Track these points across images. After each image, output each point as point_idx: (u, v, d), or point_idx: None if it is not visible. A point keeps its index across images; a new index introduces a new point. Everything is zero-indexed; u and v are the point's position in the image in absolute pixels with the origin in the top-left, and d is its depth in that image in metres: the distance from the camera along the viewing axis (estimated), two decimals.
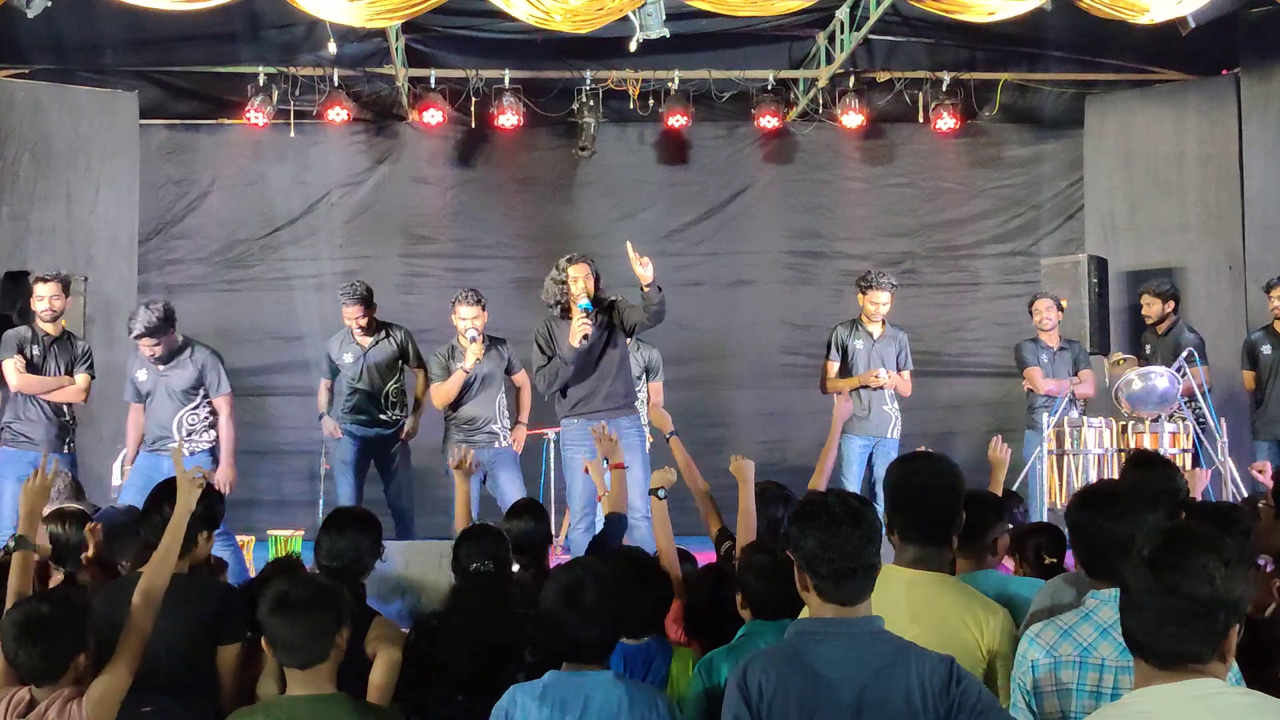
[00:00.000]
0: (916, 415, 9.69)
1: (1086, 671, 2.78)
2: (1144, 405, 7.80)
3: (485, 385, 7.39)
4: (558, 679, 2.98)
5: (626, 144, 11.07)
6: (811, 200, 11.16)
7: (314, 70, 10.02)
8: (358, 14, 7.39)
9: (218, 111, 10.58)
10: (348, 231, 10.82)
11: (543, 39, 9.48)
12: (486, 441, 7.32)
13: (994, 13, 7.57)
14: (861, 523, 2.66)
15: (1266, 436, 8.35)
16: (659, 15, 7.52)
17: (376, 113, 10.76)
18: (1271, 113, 9.37)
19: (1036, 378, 8.53)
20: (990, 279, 10.99)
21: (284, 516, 9.06)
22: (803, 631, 2.68)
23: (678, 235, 11.02)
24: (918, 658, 2.61)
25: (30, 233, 9.31)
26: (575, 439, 6.52)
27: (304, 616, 2.91)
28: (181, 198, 10.65)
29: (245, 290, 10.60)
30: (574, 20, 7.49)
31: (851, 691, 2.55)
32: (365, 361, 7.66)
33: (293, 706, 2.90)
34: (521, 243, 10.88)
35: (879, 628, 2.66)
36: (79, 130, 9.52)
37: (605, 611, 3.00)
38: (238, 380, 10.20)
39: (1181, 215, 9.94)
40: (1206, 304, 9.75)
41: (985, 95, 10.63)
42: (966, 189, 11.19)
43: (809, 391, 8.90)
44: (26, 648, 3.18)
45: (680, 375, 9.96)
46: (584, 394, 6.51)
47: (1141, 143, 10.17)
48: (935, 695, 2.55)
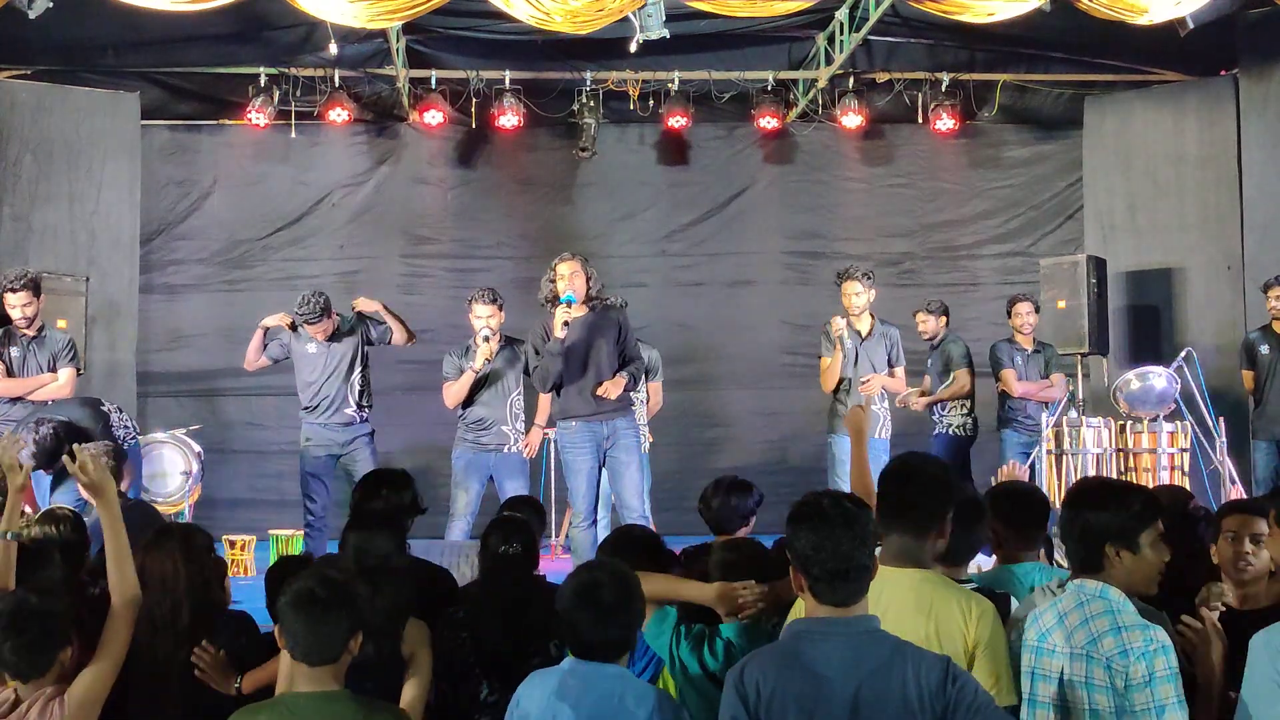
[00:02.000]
0: (915, 414, 9.70)
1: (1041, 656, 2.94)
2: (1142, 405, 7.82)
3: (495, 386, 7.30)
4: (571, 667, 3.01)
5: (627, 145, 11.10)
6: (811, 200, 11.18)
7: (315, 71, 10.04)
8: (358, 15, 7.40)
9: (219, 112, 10.61)
10: (348, 232, 10.84)
11: (543, 40, 9.50)
12: (494, 443, 7.27)
13: (993, 13, 7.59)
14: (855, 524, 2.68)
15: (1266, 436, 8.36)
16: (659, 16, 7.53)
17: (377, 113, 10.78)
18: (1270, 113, 9.39)
19: (1011, 380, 8.57)
20: (989, 279, 11.01)
21: (284, 516, 9.07)
22: (800, 631, 2.71)
23: (678, 235, 11.05)
24: (914, 657, 2.63)
25: (32, 233, 9.34)
26: (573, 441, 6.51)
27: (321, 615, 2.93)
28: (183, 198, 10.67)
29: (246, 290, 10.60)
30: (574, 21, 7.51)
31: (848, 690, 2.57)
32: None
33: (298, 703, 2.92)
34: (522, 243, 10.90)
35: (875, 627, 2.68)
36: (81, 131, 9.54)
37: (620, 612, 3.01)
38: (238, 380, 10.31)
39: (1180, 215, 9.96)
40: (1205, 304, 9.77)
41: (984, 96, 10.65)
42: (966, 189, 11.21)
43: (809, 391, 8.91)
44: (12, 639, 3.16)
45: (680, 375, 9.99)
46: (579, 396, 6.49)
47: (1140, 143, 10.19)
48: (932, 694, 2.57)
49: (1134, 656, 2.79)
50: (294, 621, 2.93)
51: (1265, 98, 9.42)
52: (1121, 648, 2.82)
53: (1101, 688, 2.83)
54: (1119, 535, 2.98)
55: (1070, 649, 2.89)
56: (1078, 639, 2.88)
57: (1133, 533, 2.99)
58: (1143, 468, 7.62)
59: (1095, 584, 2.96)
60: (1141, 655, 2.79)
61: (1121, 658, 2.81)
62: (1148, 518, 3.01)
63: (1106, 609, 2.91)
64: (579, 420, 6.48)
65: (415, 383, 9.87)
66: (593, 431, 6.48)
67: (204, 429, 9.43)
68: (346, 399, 7.40)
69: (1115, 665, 2.81)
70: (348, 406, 7.40)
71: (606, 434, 6.50)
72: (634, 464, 6.55)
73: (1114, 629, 2.86)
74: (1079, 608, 2.93)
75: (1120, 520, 2.99)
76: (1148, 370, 8.04)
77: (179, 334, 10.62)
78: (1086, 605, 2.93)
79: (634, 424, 6.68)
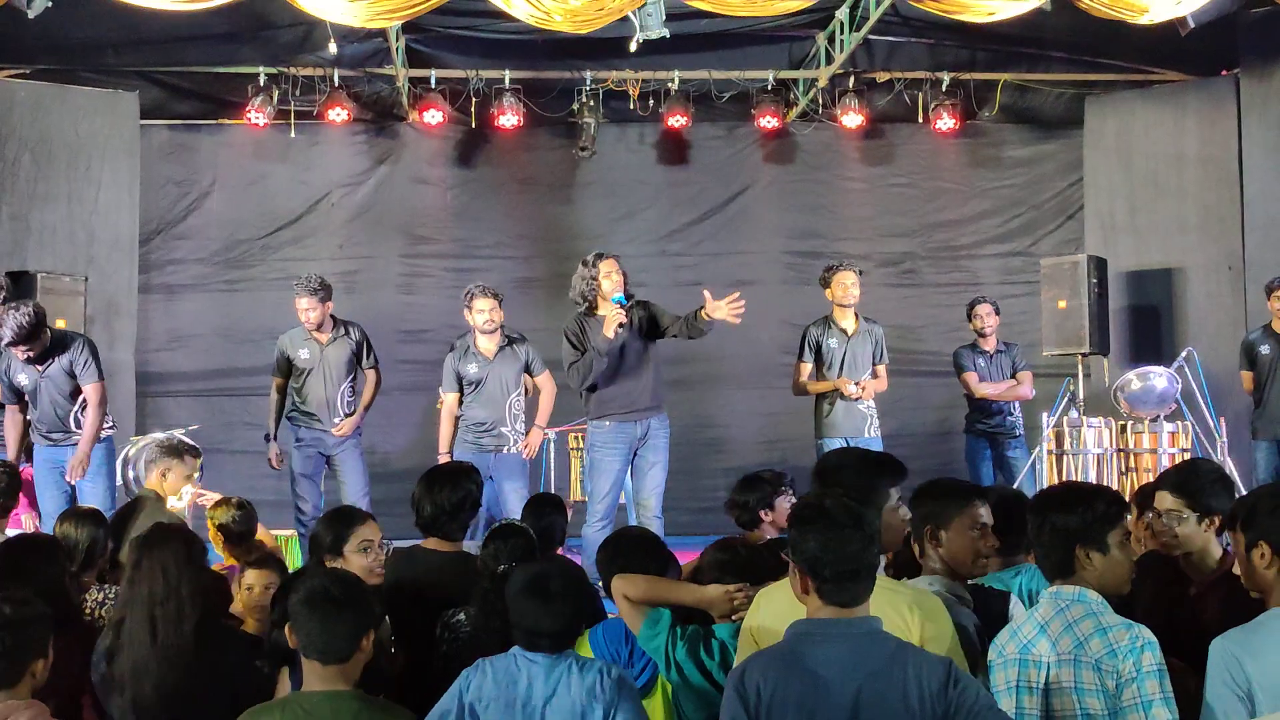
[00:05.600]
0: (915, 415, 9.72)
1: (1025, 668, 2.91)
2: (1143, 405, 7.82)
3: (495, 386, 7.27)
4: (516, 654, 3.09)
5: (626, 144, 11.08)
6: (811, 200, 11.16)
7: (314, 70, 10.02)
8: (358, 14, 7.39)
9: (218, 112, 10.59)
10: (348, 232, 10.83)
11: (543, 39, 9.48)
12: (493, 445, 7.24)
13: (994, 13, 7.57)
14: (862, 524, 2.69)
15: (1266, 436, 8.34)
16: (659, 15, 7.52)
17: (377, 113, 10.77)
18: (1271, 113, 9.37)
19: (973, 382, 8.55)
20: (990, 279, 10.98)
21: (283, 517, 9.04)
22: (801, 633, 2.69)
23: (678, 235, 11.03)
24: (915, 659, 2.62)
25: (31, 233, 9.32)
26: (605, 440, 6.52)
27: (334, 613, 2.93)
28: (182, 198, 10.65)
29: (246, 290, 10.60)
30: (574, 20, 7.50)
31: (849, 692, 2.56)
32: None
33: (306, 702, 2.91)
34: (521, 243, 10.89)
35: (877, 628, 2.67)
36: (80, 130, 9.53)
37: (567, 603, 3.08)
38: (237, 380, 10.31)
39: (1181, 216, 9.94)
40: (1206, 304, 9.76)
41: (985, 95, 10.63)
42: (966, 189, 11.19)
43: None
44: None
45: (680, 375, 9.97)
46: (615, 395, 6.51)
47: (1141, 143, 10.17)
48: (933, 696, 2.56)
49: (1121, 655, 2.80)
50: (307, 620, 2.93)
51: (1266, 98, 9.41)
52: (1109, 647, 2.82)
53: (1092, 691, 2.82)
54: (1087, 537, 2.98)
55: (1057, 656, 2.87)
56: (1064, 645, 2.87)
57: (1100, 533, 2.99)
58: (1143, 468, 7.63)
59: (1071, 588, 2.96)
60: (1129, 652, 2.80)
61: (1110, 657, 2.81)
62: (1114, 517, 3.02)
63: (1088, 612, 2.91)
64: (613, 420, 6.49)
65: (415, 383, 9.87)
66: (626, 432, 6.51)
67: (203, 429, 9.40)
68: (337, 406, 7.40)
69: (1105, 666, 2.81)
70: (337, 415, 7.40)
71: (640, 434, 6.52)
72: (660, 464, 6.57)
73: (1099, 630, 2.86)
74: (1059, 614, 2.92)
75: (1086, 521, 2.99)
76: (1148, 370, 8.04)
77: (178, 334, 10.60)
78: (1067, 610, 2.92)
79: (666, 424, 6.70)
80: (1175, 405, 7.83)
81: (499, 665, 3.07)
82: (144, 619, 3.44)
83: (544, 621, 3.06)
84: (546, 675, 3.02)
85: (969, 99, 10.57)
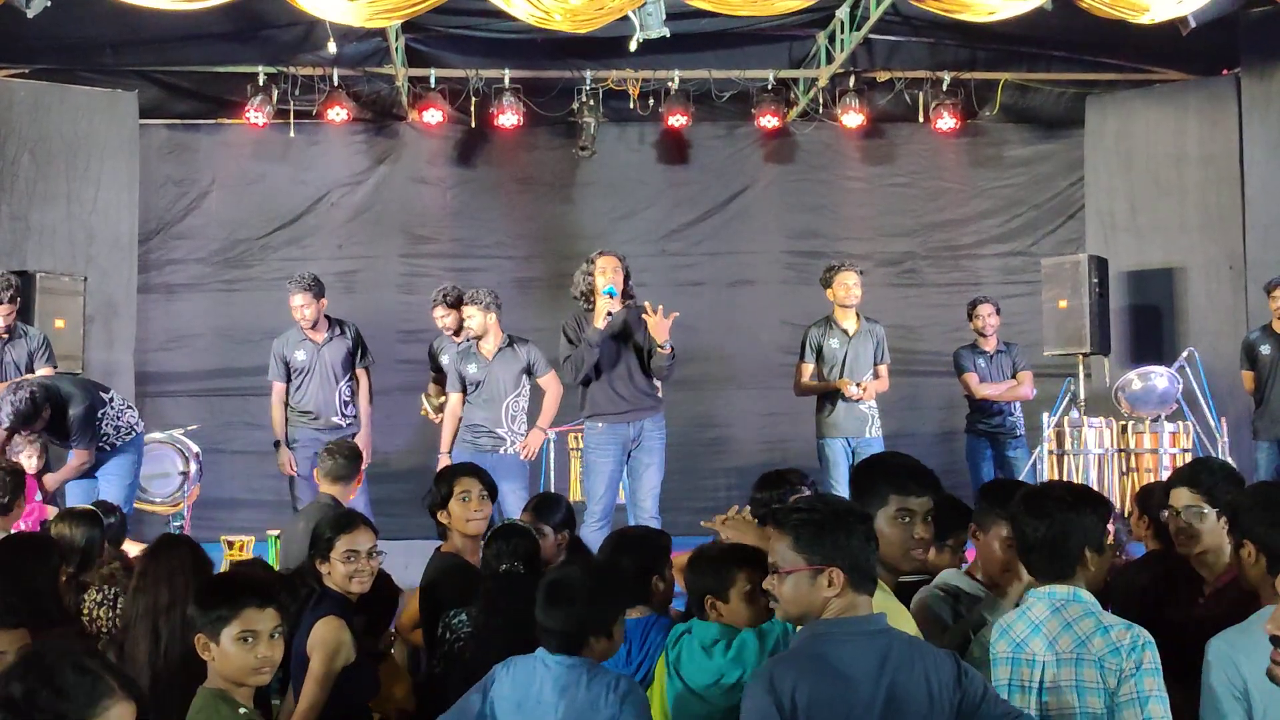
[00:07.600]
0: (916, 415, 9.71)
1: (1019, 667, 2.94)
2: (1144, 405, 7.81)
3: (493, 387, 7.24)
4: (542, 656, 3.13)
5: (626, 144, 11.06)
6: (811, 200, 11.15)
7: (314, 70, 10.01)
8: (357, 13, 7.37)
9: (217, 111, 10.58)
10: (348, 231, 10.81)
11: (543, 39, 9.47)
12: (491, 445, 7.21)
13: (994, 12, 7.55)
14: (866, 521, 2.86)
15: (1267, 437, 8.33)
16: (659, 15, 7.50)
17: (376, 112, 10.75)
18: (1272, 113, 9.36)
19: (973, 383, 8.55)
20: (991, 279, 10.97)
21: (282, 517, 9.03)
22: (820, 634, 2.72)
23: (678, 235, 11.02)
24: (925, 653, 2.69)
25: (30, 232, 9.31)
26: (598, 442, 6.52)
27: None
28: (181, 197, 10.64)
29: (245, 290, 10.58)
30: (574, 20, 7.48)
31: (880, 689, 2.62)
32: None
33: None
34: (521, 243, 10.88)
35: (887, 625, 2.73)
36: (79, 130, 9.52)
37: (573, 606, 3.12)
38: (236, 380, 10.29)
39: (1182, 215, 9.93)
40: (1207, 304, 9.74)
41: (985, 95, 10.61)
42: (967, 189, 11.18)
43: None
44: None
45: (680, 375, 9.87)
46: (606, 396, 6.51)
47: (1142, 143, 10.16)
48: (949, 689, 2.64)
49: (1124, 652, 2.82)
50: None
51: (1267, 97, 9.40)
52: (1112, 645, 2.84)
53: (1093, 689, 2.83)
54: (1091, 537, 3.01)
55: (1055, 655, 2.88)
56: (1063, 644, 2.88)
57: (1103, 534, 3.05)
58: (1144, 468, 7.62)
59: (1065, 588, 2.97)
60: (1131, 650, 2.83)
61: (1113, 655, 2.83)
62: (1107, 517, 3.11)
63: (1086, 611, 2.93)
64: (606, 422, 6.50)
65: (415, 383, 9.83)
66: (619, 433, 6.52)
67: (202, 429, 9.39)
68: (334, 406, 7.39)
69: (1108, 664, 2.83)
70: (334, 415, 7.39)
71: (633, 435, 6.54)
72: (654, 465, 6.58)
73: (1100, 629, 2.88)
74: (1055, 614, 2.93)
75: (1094, 522, 3.03)
76: (1149, 370, 8.03)
77: (177, 334, 10.59)
78: (1064, 610, 2.93)
79: (660, 425, 6.72)
80: (1176, 405, 7.83)
81: (522, 665, 3.14)
82: (148, 628, 3.43)
83: (547, 620, 3.13)
84: (557, 681, 3.06)
85: (969, 98, 10.56)
